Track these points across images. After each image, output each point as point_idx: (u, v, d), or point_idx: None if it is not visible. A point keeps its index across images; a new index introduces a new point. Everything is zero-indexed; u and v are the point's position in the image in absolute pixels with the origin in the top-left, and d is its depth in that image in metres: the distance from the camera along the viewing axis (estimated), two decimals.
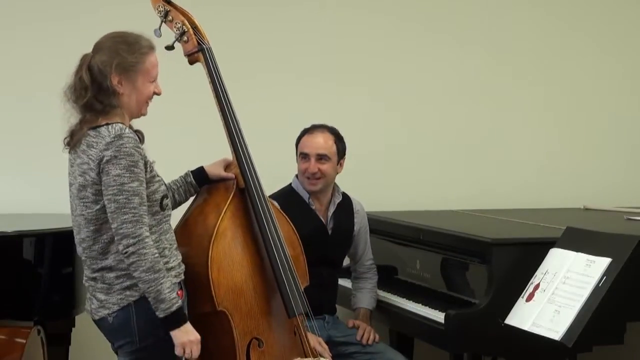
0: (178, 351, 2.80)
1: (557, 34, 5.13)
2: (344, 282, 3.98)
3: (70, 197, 2.88)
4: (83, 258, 2.88)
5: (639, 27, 5.27)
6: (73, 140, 2.83)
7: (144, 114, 2.92)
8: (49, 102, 4.32)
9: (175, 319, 2.77)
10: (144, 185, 2.77)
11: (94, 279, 2.85)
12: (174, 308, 2.75)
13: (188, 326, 2.81)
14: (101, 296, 2.83)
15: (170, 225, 2.92)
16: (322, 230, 3.67)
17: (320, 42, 4.74)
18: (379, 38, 4.84)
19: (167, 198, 2.90)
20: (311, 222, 3.58)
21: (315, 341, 3.36)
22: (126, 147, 2.72)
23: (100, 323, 2.88)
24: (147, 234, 2.74)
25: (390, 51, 4.85)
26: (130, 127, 2.89)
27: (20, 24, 4.39)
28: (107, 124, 2.78)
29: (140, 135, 2.91)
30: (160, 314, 2.75)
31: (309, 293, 3.23)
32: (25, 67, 4.39)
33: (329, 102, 4.68)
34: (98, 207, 2.77)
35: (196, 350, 2.82)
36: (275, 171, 3.54)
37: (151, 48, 2.87)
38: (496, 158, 5.03)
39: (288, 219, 3.31)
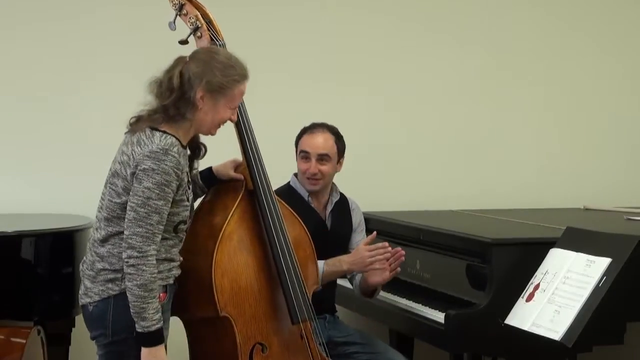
0: None
1: (557, 34, 5.13)
2: (344, 282, 3.97)
3: (109, 171, 2.87)
4: (91, 234, 2.91)
5: (639, 27, 5.28)
6: (135, 127, 2.83)
7: (213, 135, 2.92)
8: (49, 102, 4.38)
9: (150, 339, 2.76)
10: (169, 205, 2.77)
11: (86, 262, 2.88)
12: (152, 329, 2.74)
13: (160, 350, 2.77)
14: (87, 283, 2.86)
15: (175, 242, 2.89)
16: (322, 228, 3.66)
17: (321, 42, 4.74)
18: (379, 38, 4.84)
19: (184, 224, 2.89)
20: (311, 220, 3.57)
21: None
22: (166, 165, 2.73)
23: (82, 309, 2.90)
24: (154, 252, 2.75)
25: (390, 51, 4.85)
26: (196, 137, 2.91)
27: (20, 24, 4.38)
28: (165, 133, 2.78)
29: (202, 148, 2.95)
30: (138, 329, 2.75)
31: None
32: (26, 67, 4.38)
33: (329, 102, 4.67)
34: (119, 201, 2.79)
35: None
36: (273, 170, 3.52)
37: (244, 77, 2.88)
38: (496, 158, 5.03)
39: (300, 221, 3.28)
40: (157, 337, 2.76)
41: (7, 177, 4.38)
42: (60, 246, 3.80)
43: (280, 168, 3.72)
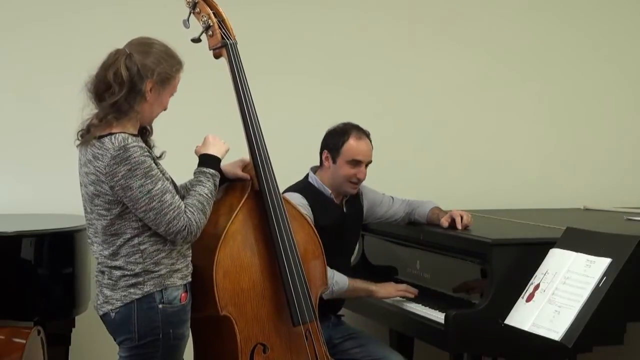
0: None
1: (558, 34, 5.13)
2: None
3: (83, 197, 2.89)
4: (96, 256, 2.90)
5: (639, 28, 5.27)
6: (86, 138, 2.82)
7: (149, 124, 2.94)
8: (49, 101, 4.37)
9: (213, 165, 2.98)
10: (166, 181, 2.80)
11: (102, 272, 2.87)
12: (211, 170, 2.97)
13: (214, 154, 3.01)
14: (107, 292, 2.85)
15: None
16: (342, 221, 3.71)
17: (321, 42, 4.73)
18: (380, 39, 4.84)
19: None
20: (334, 215, 3.63)
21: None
22: (135, 157, 2.73)
23: (103, 318, 2.90)
24: (188, 214, 2.81)
25: (391, 52, 4.85)
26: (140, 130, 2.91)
27: (20, 24, 4.38)
28: (110, 134, 2.76)
29: (148, 129, 2.94)
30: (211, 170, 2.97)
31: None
32: (26, 66, 4.38)
33: (332, 102, 4.67)
34: (111, 216, 2.79)
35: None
36: (281, 170, 3.51)
37: (183, 65, 2.89)
38: (496, 158, 5.03)
39: (309, 221, 3.27)
40: (213, 164, 2.99)
41: (7, 177, 4.38)
42: (60, 246, 3.80)
43: (285, 168, 3.71)
